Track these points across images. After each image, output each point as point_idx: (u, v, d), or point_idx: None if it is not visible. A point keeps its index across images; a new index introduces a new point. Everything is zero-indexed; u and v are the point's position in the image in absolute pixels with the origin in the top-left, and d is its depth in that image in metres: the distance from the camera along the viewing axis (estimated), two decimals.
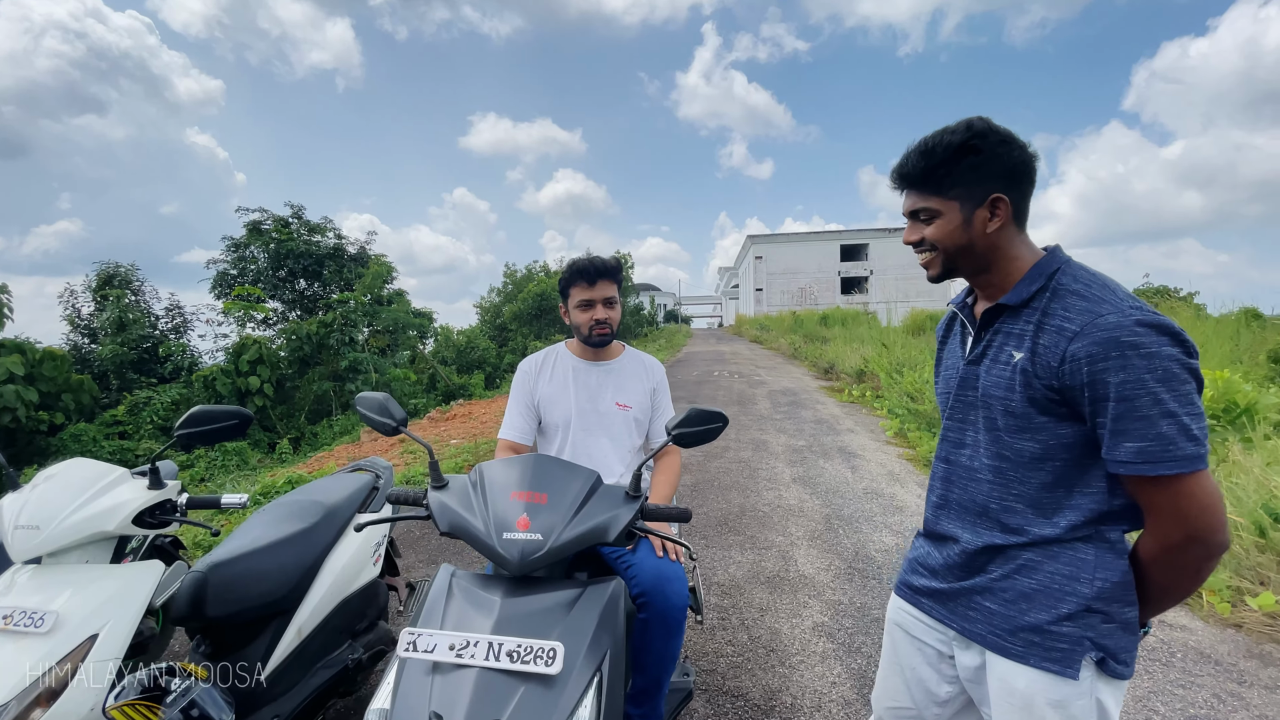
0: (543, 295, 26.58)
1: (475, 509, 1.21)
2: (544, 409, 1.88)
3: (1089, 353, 0.91)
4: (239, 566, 1.69)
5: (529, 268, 32.78)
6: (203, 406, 1.43)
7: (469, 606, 1.11)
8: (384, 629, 2.19)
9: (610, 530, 1.20)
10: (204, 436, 1.42)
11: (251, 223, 18.32)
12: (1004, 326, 1.07)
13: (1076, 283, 0.99)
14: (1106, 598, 0.98)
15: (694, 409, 1.39)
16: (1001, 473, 1.07)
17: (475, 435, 8.95)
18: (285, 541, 1.82)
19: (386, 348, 16.68)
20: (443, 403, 16.62)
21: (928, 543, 1.24)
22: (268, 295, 17.94)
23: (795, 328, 24.66)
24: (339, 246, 19.41)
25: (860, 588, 3.24)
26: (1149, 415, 0.88)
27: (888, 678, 1.32)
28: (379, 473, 2.41)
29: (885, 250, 43.76)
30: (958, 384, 1.15)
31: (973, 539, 1.11)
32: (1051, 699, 1.00)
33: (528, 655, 1.00)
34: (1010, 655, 1.05)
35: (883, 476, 5.48)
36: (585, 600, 1.13)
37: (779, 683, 2.41)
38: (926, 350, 11.58)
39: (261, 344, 13.06)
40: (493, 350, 24.87)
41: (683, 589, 1.55)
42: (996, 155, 1.02)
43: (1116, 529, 1.00)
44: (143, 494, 1.30)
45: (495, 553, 1.13)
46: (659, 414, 1.94)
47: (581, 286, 1.79)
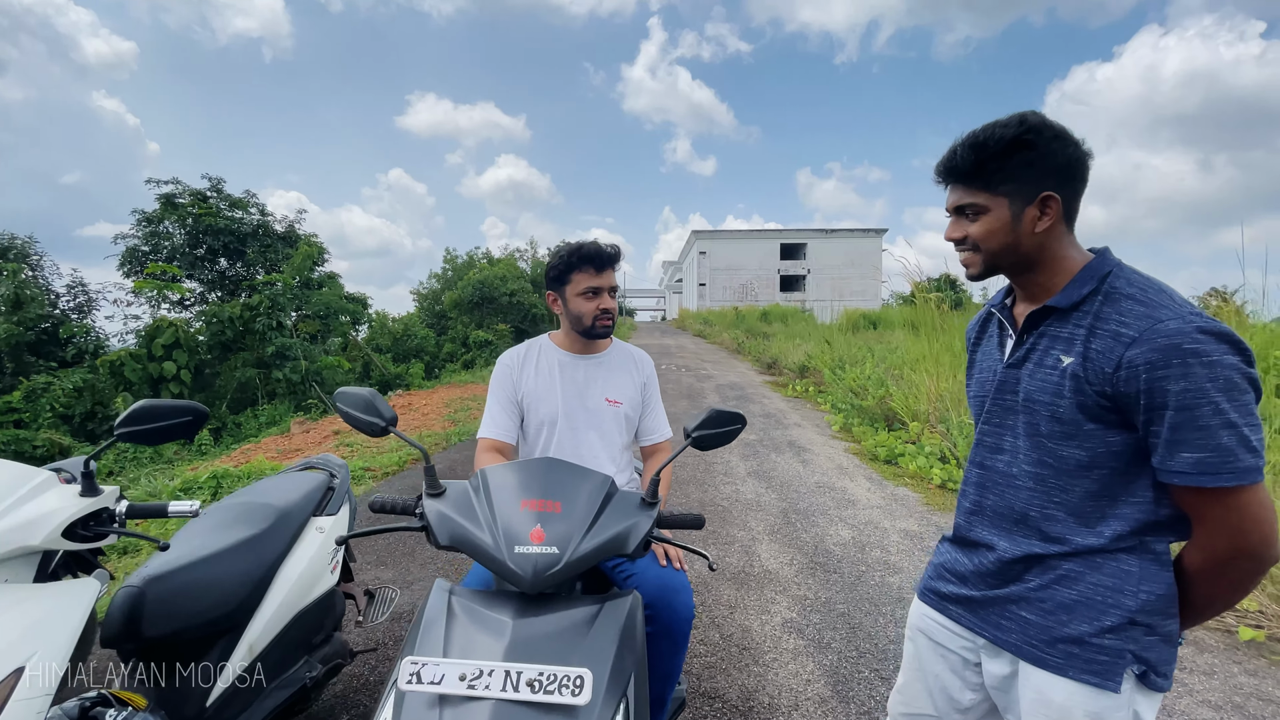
0: (485, 283, 25.87)
1: (481, 520, 1.08)
2: (528, 405, 1.74)
3: (1148, 359, 0.89)
4: (180, 579, 1.49)
5: (470, 254, 31.85)
6: (148, 401, 1.23)
7: (476, 629, 0.99)
8: (340, 641, 2.01)
9: (629, 541, 1.11)
10: (149, 435, 1.22)
11: (165, 195, 16.81)
12: (1050, 329, 1.03)
13: (1131, 286, 0.96)
14: (1150, 610, 0.97)
15: (714, 410, 1.31)
16: (1043, 480, 1.04)
17: (418, 427, 8.58)
18: (233, 550, 1.63)
19: (317, 334, 15.78)
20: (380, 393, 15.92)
21: (956, 549, 1.21)
22: (184, 274, 16.54)
23: (737, 323, 25.08)
24: (264, 224, 18.12)
25: (823, 582, 3.27)
26: (1209, 425, 0.86)
27: (909, 684, 1.29)
28: (333, 471, 2.21)
29: (822, 250, 45.19)
30: (995, 388, 1.12)
31: (1010, 547, 1.08)
32: (1089, 711, 0.98)
33: (551, 685, 0.89)
34: (1048, 666, 1.02)
35: (833, 470, 5.61)
36: (604, 618, 1.03)
37: (754, 682, 2.38)
38: (864, 348, 12.00)
39: (178, 327, 12.03)
40: (431, 339, 24.00)
41: (689, 600, 1.47)
42: (1050, 151, 0.98)
43: (1162, 540, 0.98)
44: (74, 502, 1.10)
45: (506, 569, 1.01)
46: (649, 410, 1.85)
47: (588, 273, 1.66)
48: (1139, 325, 0.91)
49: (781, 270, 45.76)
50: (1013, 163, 0.99)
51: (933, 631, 1.23)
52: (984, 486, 1.15)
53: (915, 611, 1.29)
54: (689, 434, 1.30)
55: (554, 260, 1.71)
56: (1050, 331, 1.03)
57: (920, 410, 6.64)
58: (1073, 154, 0.99)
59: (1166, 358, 0.87)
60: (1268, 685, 2.39)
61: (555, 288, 1.75)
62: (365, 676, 2.37)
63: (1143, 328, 0.90)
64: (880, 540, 3.88)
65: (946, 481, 5.08)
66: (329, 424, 9.79)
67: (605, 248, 1.67)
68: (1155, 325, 0.89)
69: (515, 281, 26.71)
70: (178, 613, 1.45)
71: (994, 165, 1.00)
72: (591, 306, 1.67)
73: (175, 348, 11.81)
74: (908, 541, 3.87)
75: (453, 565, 3.48)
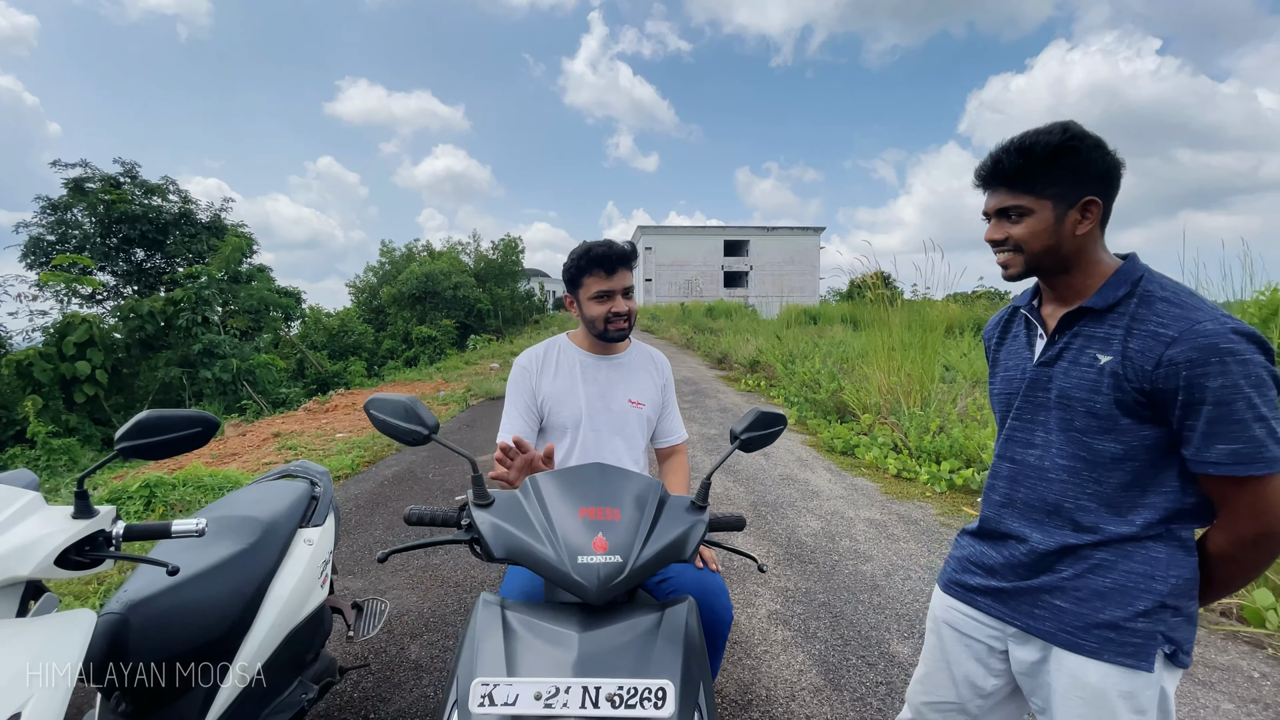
0: (428, 277, 25.05)
1: (539, 530, 1.03)
2: (549, 408, 1.68)
3: (1188, 358, 0.94)
4: (165, 603, 1.36)
5: (409, 247, 30.82)
6: (155, 411, 1.10)
7: (541, 644, 0.94)
8: (329, 658, 1.90)
9: (686, 547, 1.08)
10: (155, 449, 1.09)
11: (73, 180, 15.35)
12: (1085, 329, 1.08)
13: (1164, 290, 1.02)
14: (1178, 593, 1.03)
15: (759, 411, 1.29)
16: (1076, 472, 1.09)
17: (364, 428, 8.22)
18: (220, 568, 1.50)
19: (248, 330, 14.87)
20: (317, 391, 15.16)
21: (982, 542, 1.25)
22: (96, 266, 15.19)
23: (684, 318, 25.32)
24: (186, 212, 16.87)
25: (801, 573, 3.34)
26: (1244, 419, 0.92)
27: (932, 674, 1.33)
28: (314, 479, 2.08)
29: (764, 247, 46.22)
30: (1027, 385, 1.16)
31: (1043, 538, 1.12)
32: (1123, 690, 1.04)
33: (632, 698, 0.86)
34: (1083, 651, 1.07)
35: (794, 463, 5.74)
36: (666, 625, 1.00)
37: (749, 675, 2.41)
38: (810, 342, 12.37)
39: (92, 323, 11.01)
40: (370, 334, 23.07)
41: (727, 602, 1.45)
42: (1091, 159, 1.03)
43: (1187, 527, 1.05)
44: (67, 525, 0.97)
45: (570, 580, 0.97)
46: (667, 413, 1.82)
47: (598, 276, 1.61)
48: (1178, 326, 0.97)
49: (725, 266, 46.51)
50: (1058, 168, 1.04)
51: (958, 623, 1.27)
52: (1015, 480, 1.19)
53: (939, 604, 1.33)
54: (736, 436, 1.29)
55: (567, 262, 1.65)
56: (1085, 331, 1.08)
57: (871, 402, 6.89)
58: (1110, 161, 1.05)
59: (1205, 356, 0.93)
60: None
61: (571, 290, 1.70)
62: (350, 694, 2.25)
63: (1182, 328, 0.96)
64: (848, 530, 4.01)
65: (902, 471, 5.29)
66: (265, 426, 9.25)
67: (616, 248, 1.62)
68: (1194, 326, 0.95)
69: (459, 275, 26.02)
70: (165, 640, 1.33)
71: (1040, 170, 1.04)
72: (603, 310, 1.63)
73: (89, 346, 10.81)
74: (873, 530, 4.00)
75: (426, 572, 3.35)
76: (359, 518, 4.29)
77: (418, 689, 2.29)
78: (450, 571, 3.34)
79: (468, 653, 0.95)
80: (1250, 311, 4.71)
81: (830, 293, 47.54)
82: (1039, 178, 1.05)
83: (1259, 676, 2.38)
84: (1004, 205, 1.09)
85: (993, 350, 1.31)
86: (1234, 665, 2.46)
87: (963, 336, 10.55)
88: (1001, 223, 1.11)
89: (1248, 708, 2.20)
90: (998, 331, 1.30)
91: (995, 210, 1.12)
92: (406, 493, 4.91)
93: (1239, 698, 2.26)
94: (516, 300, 30.05)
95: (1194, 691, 2.30)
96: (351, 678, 2.33)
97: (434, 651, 2.55)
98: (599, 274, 1.61)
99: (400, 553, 1.11)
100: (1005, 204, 1.09)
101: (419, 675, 2.38)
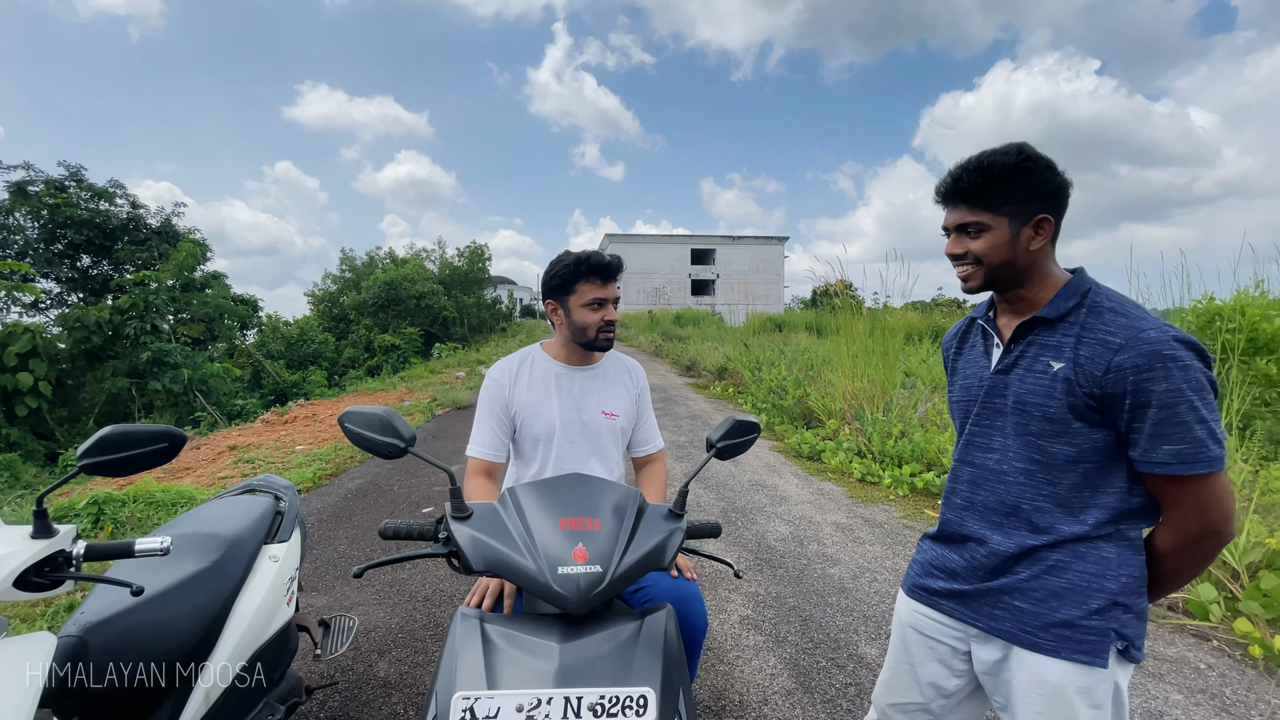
0: (391, 284, 24.57)
1: (518, 541, 1.03)
2: (523, 420, 1.68)
3: (1135, 364, 1.01)
4: (125, 623, 1.32)
5: (371, 254, 30.16)
6: (119, 426, 1.06)
7: (520, 656, 0.94)
8: (296, 678, 1.85)
9: (665, 555, 1.10)
10: (119, 465, 1.05)
11: (15, 184, 14.57)
12: (1039, 338, 1.14)
13: (1111, 301, 1.09)
14: (1128, 591, 1.09)
15: (735, 419, 1.32)
16: (1032, 475, 1.15)
17: (325, 440, 8.02)
18: (182, 586, 1.46)
19: (200, 339, 14.33)
20: (275, 402, 14.68)
21: (944, 546, 1.30)
22: (40, 273, 14.44)
23: (652, 326, 25.44)
24: (135, 217, 16.19)
25: (771, 578, 3.39)
26: (1186, 421, 0.99)
27: (896, 676, 1.37)
28: (279, 493, 2.03)
29: (730, 256, 46.83)
30: (985, 392, 1.22)
31: (1003, 540, 1.17)
32: (1080, 686, 1.09)
33: (614, 707, 0.87)
34: (1041, 650, 1.12)
35: (762, 469, 5.82)
36: (646, 634, 1.01)
37: (722, 681, 2.43)
38: (776, 350, 12.56)
39: (35, 333, 10.44)
40: (330, 343, 22.46)
41: (702, 609, 1.47)
42: (1044, 178, 1.11)
43: (1135, 527, 1.11)
44: (25, 546, 0.93)
45: (550, 591, 0.97)
46: (642, 422, 1.83)
47: (594, 284, 1.62)
48: (1124, 334, 1.03)
49: (693, 274, 46.92)
50: (1013, 187, 1.11)
51: (922, 626, 1.32)
52: (976, 483, 1.24)
53: (903, 608, 1.38)
54: (712, 444, 1.31)
55: (556, 269, 1.65)
56: (1039, 340, 1.15)
57: (836, 408, 7.04)
58: (1060, 181, 1.12)
59: (1150, 362, 1.00)
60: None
61: (557, 297, 1.69)
62: (317, 714, 2.19)
63: (1128, 336, 1.03)
64: (815, 534, 4.08)
65: (866, 475, 5.42)
66: (221, 438, 8.92)
67: (612, 258, 1.65)
68: (1139, 334, 1.02)
69: (424, 283, 25.59)
70: (125, 662, 1.28)
71: (998, 188, 1.12)
72: (597, 318, 1.64)
73: (32, 356, 10.25)
74: (840, 534, 4.08)
75: (394, 588, 3.28)
76: (323, 532, 4.18)
77: (387, 707, 2.24)
78: (419, 586, 3.28)
79: (446, 667, 0.95)
80: (1188, 319, 4.98)
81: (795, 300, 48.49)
82: (996, 196, 1.12)
83: (1205, 668, 2.51)
84: (964, 221, 1.16)
85: (951, 359, 1.36)
86: (1182, 657, 2.59)
87: (922, 343, 10.87)
88: (961, 238, 1.18)
89: (1196, 698, 2.32)
90: (955, 341, 1.36)
91: (955, 226, 1.18)
92: (371, 506, 4.80)
93: (1187, 688, 2.38)
94: (483, 308, 29.70)
95: (1145, 683, 2.41)
96: (319, 697, 2.27)
97: (403, 668, 2.50)
98: (595, 282, 1.62)
99: (378, 567, 1.10)
100: (965, 220, 1.16)
101: (388, 693, 2.33)
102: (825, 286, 9.30)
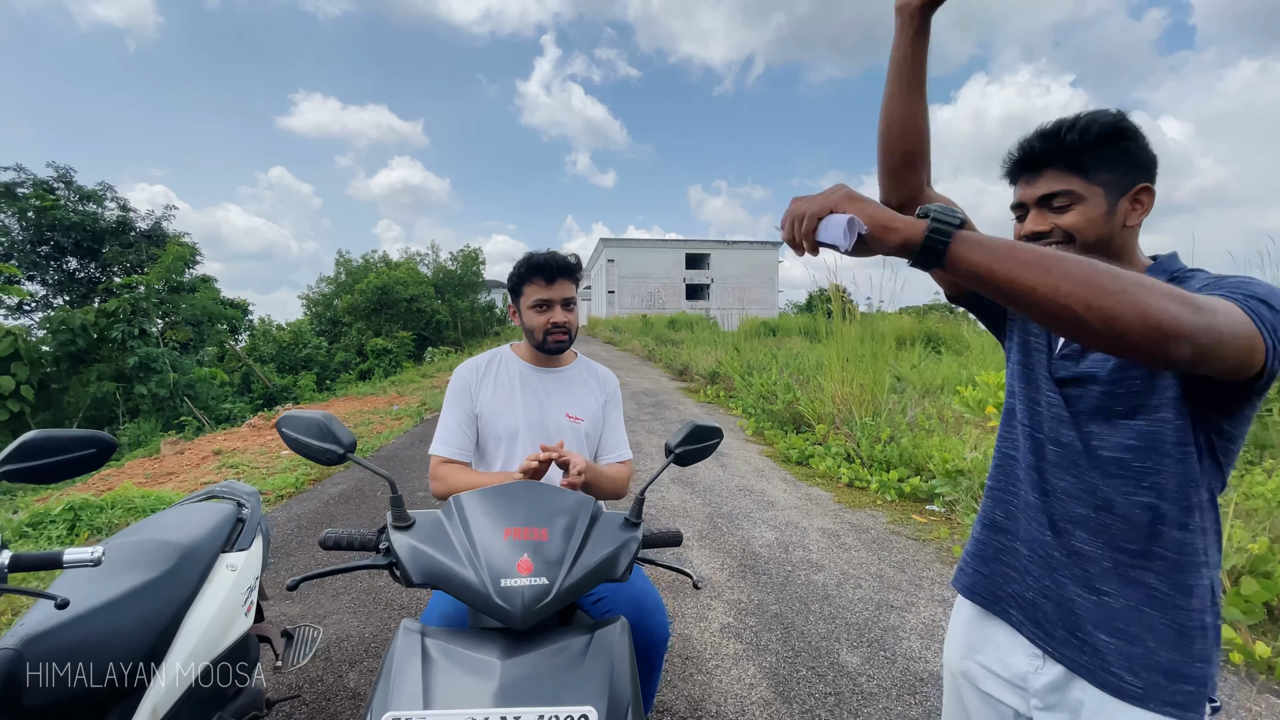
0: (384, 288, 24.47)
1: (460, 552, 0.99)
2: (486, 420, 1.64)
3: None
4: (66, 637, 1.26)
5: (365, 258, 30.06)
6: (42, 431, 1.02)
7: (459, 673, 0.90)
8: (255, 691, 1.80)
9: (618, 566, 1.06)
10: (44, 472, 1.01)
11: (3, 185, 14.47)
12: None
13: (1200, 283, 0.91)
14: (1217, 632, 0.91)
15: (695, 425, 1.28)
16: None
17: None
18: (129, 597, 1.41)
19: (189, 343, 14.21)
20: (264, 407, 14.58)
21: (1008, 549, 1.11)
22: (25, 275, 14.30)
23: (646, 330, 25.40)
24: (124, 220, 16.06)
25: (755, 585, 3.35)
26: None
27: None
28: (241, 500, 1.98)
29: (724, 260, 46.89)
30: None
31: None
32: None
33: None
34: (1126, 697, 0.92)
35: (750, 473, 5.79)
36: (595, 648, 0.97)
37: (700, 691, 2.38)
38: (769, 354, 12.54)
39: (18, 336, 10.30)
40: (323, 347, 22.33)
41: (663, 620, 1.43)
42: (1143, 145, 0.94)
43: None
44: None
45: (492, 604, 0.93)
46: (609, 428, 1.79)
47: (538, 285, 1.59)
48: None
49: (687, 279, 46.94)
50: (1113, 150, 0.94)
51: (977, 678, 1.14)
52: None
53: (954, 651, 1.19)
54: (671, 450, 1.28)
55: (511, 270, 1.64)
56: None
57: (825, 413, 7.02)
58: (1154, 153, 0.96)
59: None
60: None
61: (513, 299, 1.68)
62: None
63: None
64: (801, 540, 4.04)
65: (854, 480, 5.39)
66: (206, 443, 8.83)
67: (558, 258, 1.60)
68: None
69: (417, 287, 25.51)
70: (65, 676, 1.23)
71: (1094, 151, 0.94)
72: (542, 320, 1.61)
73: (14, 359, 10.11)
74: (826, 540, 4.05)
75: (369, 595, 3.23)
76: (301, 539, 4.12)
77: (355, 719, 2.19)
78: (395, 594, 3.23)
79: (383, 684, 0.91)
80: None
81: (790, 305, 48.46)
82: (1092, 160, 0.94)
83: None
84: (1051, 190, 0.96)
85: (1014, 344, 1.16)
86: None
87: (913, 348, 10.87)
88: (1044, 213, 0.98)
89: None
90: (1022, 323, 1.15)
91: (1038, 199, 0.99)
92: (354, 512, 4.74)
93: None
94: (477, 312, 29.63)
95: None
96: (282, 709, 2.21)
97: (374, 679, 2.45)
98: (539, 282, 1.59)
99: (314, 579, 1.06)
100: (1053, 189, 0.96)
101: (356, 704, 2.28)
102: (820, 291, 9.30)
